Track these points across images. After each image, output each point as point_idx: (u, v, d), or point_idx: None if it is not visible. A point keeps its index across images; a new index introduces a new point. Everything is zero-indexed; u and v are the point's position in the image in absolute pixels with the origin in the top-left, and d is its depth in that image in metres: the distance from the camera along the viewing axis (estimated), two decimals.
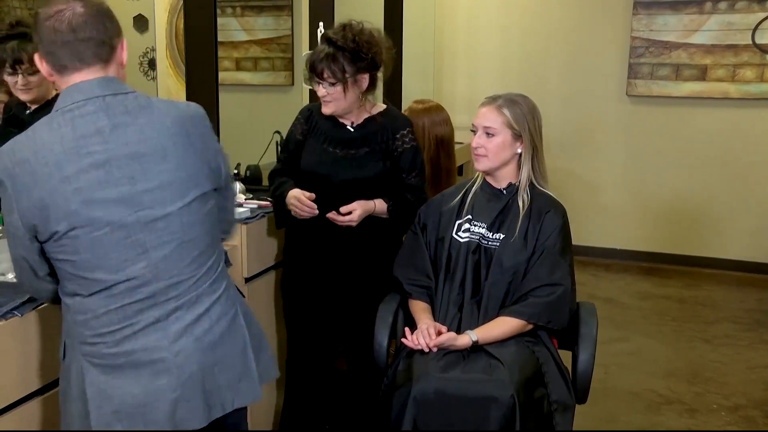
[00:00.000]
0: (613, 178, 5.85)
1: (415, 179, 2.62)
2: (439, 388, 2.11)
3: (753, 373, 3.90)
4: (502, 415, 2.05)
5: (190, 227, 1.66)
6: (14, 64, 2.52)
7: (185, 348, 1.66)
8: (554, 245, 2.34)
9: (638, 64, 5.60)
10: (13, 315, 1.72)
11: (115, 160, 1.58)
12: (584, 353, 2.33)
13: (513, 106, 2.37)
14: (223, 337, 1.72)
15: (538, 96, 2.60)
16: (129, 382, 1.63)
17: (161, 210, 1.62)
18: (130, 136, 1.60)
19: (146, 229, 1.61)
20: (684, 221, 5.70)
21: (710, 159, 5.56)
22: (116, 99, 1.61)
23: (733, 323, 4.59)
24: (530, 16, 5.85)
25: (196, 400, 1.68)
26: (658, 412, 3.46)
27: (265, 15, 4.86)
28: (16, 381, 1.75)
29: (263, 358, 1.86)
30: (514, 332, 2.30)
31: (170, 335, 1.65)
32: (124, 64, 1.67)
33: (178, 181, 1.63)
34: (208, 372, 1.69)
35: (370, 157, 2.56)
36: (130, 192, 1.59)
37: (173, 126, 1.64)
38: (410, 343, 2.25)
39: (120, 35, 1.65)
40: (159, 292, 1.64)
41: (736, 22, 5.30)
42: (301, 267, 2.67)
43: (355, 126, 2.59)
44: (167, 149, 1.62)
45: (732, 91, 5.42)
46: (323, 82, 2.46)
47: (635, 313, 4.79)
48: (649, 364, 3.99)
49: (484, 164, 2.41)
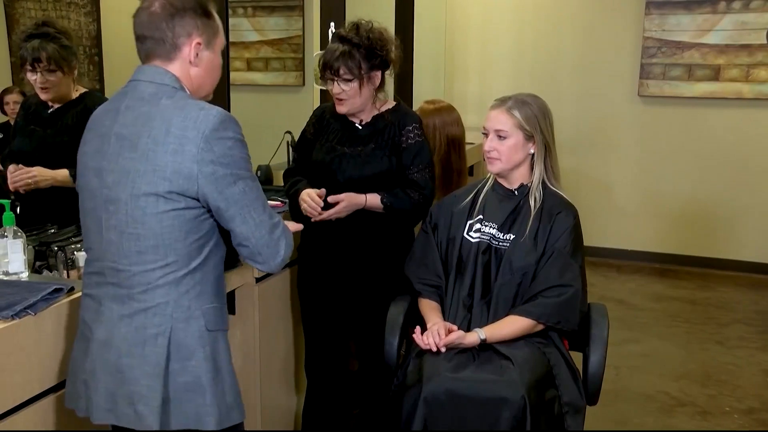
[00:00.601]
0: (625, 178, 5.82)
1: (417, 174, 2.57)
2: (449, 389, 2.11)
3: (767, 376, 3.88)
4: (513, 416, 2.05)
5: (134, 221, 1.64)
6: (33, 63, 2.58)
7: (107, 339, 1.68)
8: (565, 246, 2.33)
9: (650, 65, 5.58)
10: (26, 313, 1.73)
11: (110, 136, 1.68)
12: (595, 355, 2.33)
13: (523, 107, 2.36)
14: (132, 348, 1.66)
15: (550, 96, 2.60)
16: (78, 351, 1.75)
17: (115, 194, 1.66)
18: (127, 119, 1.67)
19: (103, 208, 1.68)
20: (696, 222, 5.68)
21: (723, 160, 5.54)
22: (143, 85, 1.70)
23: (747, 325, 4.57)
24: (542, 16, 5.84)
25: (100, 394, 1.69)
26: (670, 414, 3.45)
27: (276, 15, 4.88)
28: (30, 379, 1.77)
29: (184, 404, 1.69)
30: (523, 332, 2.30)
31: (101, 319, 1.69)
32: (192, 61, 1.71)
33: (135, 172, 1.63)
34: (114, 373, 1.67)
35: (376, 154, 2.56)
36: (104, 168, 1.68)
37: (160, 122, 1.63)
38: (420, 341, 2.26)
39: (189, 35, 1.70)
40: (105, 271, 1.69)
41: (751, 21, 5.27)
42: (316, 266, 2.68)
43: (363, 124, 2.60)
44: (140, 139, 1.63)
45: (746, 91, 5.39)
46: (338, 80, 2.46)
47: (647, 314, 4.77)
48: (662, 365, 3.98)
49: (497, 167, 2.40)
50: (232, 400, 1.75)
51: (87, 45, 3.20)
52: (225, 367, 1.74)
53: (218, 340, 1.73)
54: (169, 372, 1.66)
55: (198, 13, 1.70)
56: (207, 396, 1.69)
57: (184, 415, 1.68)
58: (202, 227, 1.68)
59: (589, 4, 5.71)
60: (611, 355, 2.51)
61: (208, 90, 1.81)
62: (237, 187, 1.64)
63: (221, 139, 1.62)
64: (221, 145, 1.62)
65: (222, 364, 1.73)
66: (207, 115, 1.63)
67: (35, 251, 2.22)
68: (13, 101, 2.98)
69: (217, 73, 1.81)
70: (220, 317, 1.75)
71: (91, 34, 3.19)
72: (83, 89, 2.79)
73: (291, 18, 4.86)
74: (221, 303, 1.78)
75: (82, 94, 2.77)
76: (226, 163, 1.63)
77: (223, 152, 1.63)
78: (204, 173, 1.61)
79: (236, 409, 1.76)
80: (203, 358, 1.69)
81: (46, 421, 1.83)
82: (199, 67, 1.72)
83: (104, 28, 3.14)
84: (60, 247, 2.23)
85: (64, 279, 2.15)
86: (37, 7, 3.06)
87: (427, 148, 2.63)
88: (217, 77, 1.81)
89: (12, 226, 1.93)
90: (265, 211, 1.69)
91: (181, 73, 1.71)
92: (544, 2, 5.83)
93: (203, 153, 1.61)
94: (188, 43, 1.69)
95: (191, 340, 1.68)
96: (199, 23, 1.70)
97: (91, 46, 3.20)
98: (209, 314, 1.71)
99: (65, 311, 1.85)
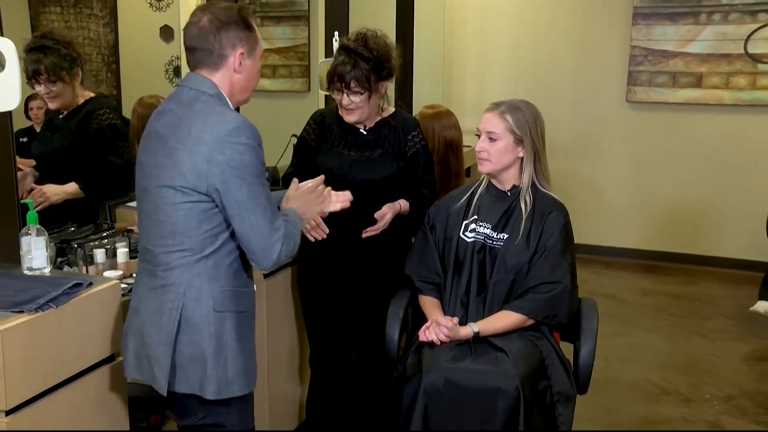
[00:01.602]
0: (615, 179, 5.83)
1: (428, 176, 2.66)
2: (448, 379, 2.12)
3: (745, 365, 3.89)
4: (508, 406, 2.07)
5: (157, 209, 1.78)
6: (34, 75, 2.54)
7: (138, 307, 1.85)
8: (555, 245, 2.34)
9: (638, 72, 5.59)
10: (49, 306, 1.73)
11: (152, 134, 1.82)
12: (585, 346, 2.34)
13: (515, 112, 2.36)
14: (153, 318, 1.81)
15: (544, 101, 2.60)
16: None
17: (146, 184, 1.81)
18: (167, 120, 1.79)
19: (140, 196, 1.85)
20: (682, 221, 5.68)
21: (706, 162, 5.55)
22: (185, 90, 1.81)
23: (728, 318, 4.57)
24: (538, 26, 5.84)
25: (130, 352, 1.88)
26: (655, 402, 3.46)
27: (283, 25, 4.88)
28: (52, 368, 1.77)
29: (185, 367, 1.81)
30: (515, 326, 2.30)
31: (136, 290, 1.89)
32: (237, 69, 1.81)
33: (161, 167, 1.76)
34: (139, 336, 1.85)
35: (384, 159, 2.57)
36: (143, 161, 1.83)
37: (187, 124, 1.74)
38: (424, 337, 2.27)
39: (234, 46, 1.79)
40: (143, 249, 1.86)
41: (730, 32, 5.30)
42: (316, 264, 2.67)
43: (367, 129, 2.60)
44: (169, 138, 1.76)
45: (726, 97, 5.40)
46: (348, 92, 2.46)
47: (635, 308, 4.77)
48: (648, 356, 3.98)
49: (486, 167, 2.41)
50: (234, 373, 1.83)
51: (105, 54, 3.20)
52: (230, 344, 1.81)
53: (226, 320, 1.81)
54: (178, 343, 1.79)
55: (241, 26, 1.80)
56: (208, 368, 1.79)
57: (189, 382, 1.81)
58: (215, 219, 1.76)
59: (581, 15, 5.72)
60: (601, 347, 2.51)
61: (246, 95, 1.89)
62: (242, 191, 1.71)
63: (233, 144, 1.69)
64: (232, 150, 1.69)
65: (227, 341, 1.81)
66: (224, 120, 1.72)
67: (56, 248, 2.23)
68: (37, 107, 2.98)
69: (256, 79, 1.89)
70: (232, 300, 1.82)
71: (109, 44, 3.19)
72: (91, 94, 2.72)
73: (297, 27, 4.85)
74: (235, 287, 1.83)
75: (87, 99, 2.70)
76: (234, 167, 1.69)
77: (233, 156, 1.69)
78: (213, 173, 1.70)
79: (237, 382, 1.84)
80: (207, 335, 1.79)
81: (66, 409, 1.83)
82: (241, 74, 1.82)
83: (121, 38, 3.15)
84: (79, 244, 2.24)
85: (83, 274, 2.16)
86: (60, 18, 3.06)
87: (428, 149, 2.69)
88: (255, 82, 1.89)
89: (35, 224, 1.93)
90: (264, 216, 1.74)
91: (223, 80, 1.81)
92: (539, 13, 5.83)
93: (214, 154, 1.69)
94: (233, 54, 1.79)
95: (198, 318, 1.79)
96: (242, 35, 1.80)
97: (109, 54, 3.21)
98: (219, 297, 1.79)
99: (84, 304, 1.85)
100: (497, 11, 5.94)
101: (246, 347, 1.87)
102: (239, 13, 1.81)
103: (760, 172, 5.42)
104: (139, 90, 3.07)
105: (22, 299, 1.74)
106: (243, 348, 1.85)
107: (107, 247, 2.27)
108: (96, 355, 1.91)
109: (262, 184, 1.75)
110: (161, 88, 3.18)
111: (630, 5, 5.52)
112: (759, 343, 4.20)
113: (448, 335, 2.23)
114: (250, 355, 1.89)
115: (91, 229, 2.48)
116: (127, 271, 2.24)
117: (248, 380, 1.88)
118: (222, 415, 1.88)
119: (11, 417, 1.66)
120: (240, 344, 1.84)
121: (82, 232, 2.46)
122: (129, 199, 2.64)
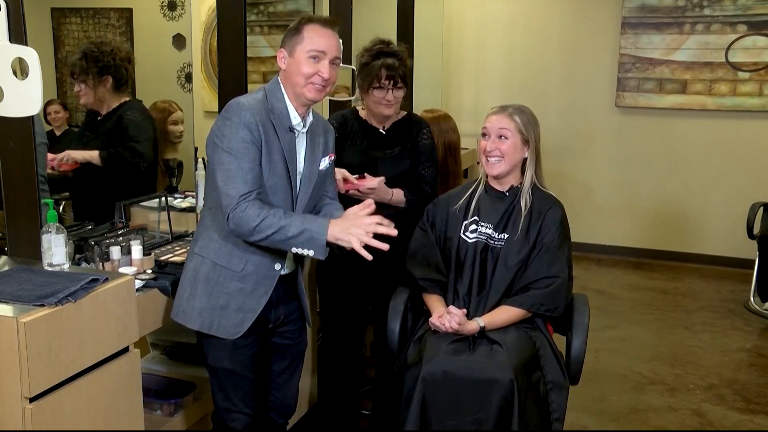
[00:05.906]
0: (605, 181, 5.84)
1: (428, 171, 2.67)
2: (446, 369, 2.11)
3: (725, 356, 3.90)
4: (503, 396, 2.06)
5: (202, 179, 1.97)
6: (71, 74, 2.73)
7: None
8: (552, 241, 2.33)
9: (626, 78, 5.59)
10: (68, 300, 1.73)
11: None
12: (577, 339, 2.33)
13: (522, 114, 2.37)
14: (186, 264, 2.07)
15: (538, 106, 2.61)
16: None
17: None
18: None
19: None
20: (668, 220, 5.69)
21: (691, 164, 5.56)
22: None
23: (710, 312, 4.58)
24: (531, 35, 5.85)
25: None
26: (642, 391, 3.46)
27: None
28: (72, 358, 1.77)
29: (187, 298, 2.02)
30: (516, 320, 2.30)
31: None
32: (282, 68, 2.01)
33: None
34: None
35: (403, 155, 2.64)
36: None
37: None
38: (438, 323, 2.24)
39: (280, 47, 2.01)
40: None
41: (712, 42, 5.32)
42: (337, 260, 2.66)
43: (386, 129, 2.65)
44: None
45: (709, 103, 5.41)
46: (393, 89, 2.53)
47: (624, 303, 4.77)
48: (636, 349, 3.98)
49: (498, 168, 2.37)
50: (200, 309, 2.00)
51: None
52: (200, 285, 2.00)
53: (203, 265, 2.00)
54: (189, 278, 2.03)
55: (291, 31, 1.99)
56: (184, 297, 2.03)
57: (184, 311, 2.02)
58: (211, 180, 1.97)
59: (572, 24, 5.72)
60: (591, 340, 2.51)
61: (294, 86, 1.99)
62: (215, 155, 1.91)
63: (223, 118, 1.92)
64: (221, 123, 1.91)
65: (198, 282, 2.00)
66: (230, 100, 1.95)
67: (75, 245, 2.23)
68: (54, 111, 2.99)
69: (298, 75, 1.97)
70: (212, 251, 1.99)
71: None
72: (126, 98, 2.76)
73: None
74: (222, 244, 1.99)
75: (121, 102, 2.74)
76: (218, 136, 1.90)
77: (217, 126, 1.92)
78: (209, 138, 1.94)
79: (199, 320, 2.00)
80: (186, 270, 2.05)
81: (85, 397, 1.83)
82: (286, 69, 2.00)
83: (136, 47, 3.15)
84: (96, 241, 2.24)
85: (100, 270, 2.15)
86: (80, 28, 3.08)
87: (435, 150, 2.73)
88: (300, 76, 1.96)
89: (55, 222, 1.93)
90: (226, 181, 1.87)
91: (281, 73, 2.02)
92: (533, 22, 5.83)
93: (214, 125, 1.94)
94: (278, 54, 2.01)
95: (189, 257, 2.07)
96: (287, 39, 2.00)
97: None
98: (204, 244, 2.01)
99: (101, 299, 1.85)
100: (492, 22, 5.96)
101: (219, 292, 1.99)
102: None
103: (740, 174, 5.43)
104: (153, 95, 3.07)
105: (43, 293, 1.74)
106: (213, 293, 1.99)
107: (122, 245, 2.27)
108: (113, 347, 1.91)
109: (231, 154, 1.87)
110: (174, 94, 3.18)
111: (619, 15, 5.54)
112: (738, 335, 4.20)
113: (459, 323, 2.22)
114: (217, 304, 2.00)
115: (108, 227, 2.48)
116: (142, 267, 2.24)
117: (207, 321, 2.00)
118: (203, 347, 2.08)
119: (35, 404, 1.67)
120: (210, 288, 1.99)
121: (99, 230, 2.46)
122: (143, 199, 2.64)
